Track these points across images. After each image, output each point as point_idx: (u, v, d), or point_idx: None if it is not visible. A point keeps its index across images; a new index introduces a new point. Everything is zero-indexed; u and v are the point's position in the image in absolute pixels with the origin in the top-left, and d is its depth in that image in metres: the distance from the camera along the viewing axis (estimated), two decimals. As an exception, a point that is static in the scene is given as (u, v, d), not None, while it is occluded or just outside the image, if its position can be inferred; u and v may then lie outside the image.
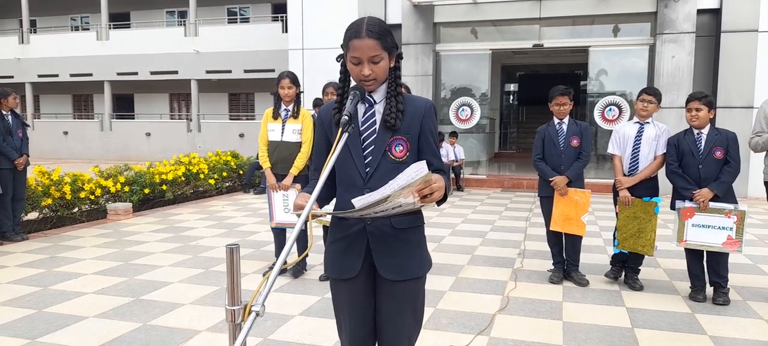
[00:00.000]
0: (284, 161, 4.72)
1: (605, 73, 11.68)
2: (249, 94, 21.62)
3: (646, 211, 4.38)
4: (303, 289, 4.46)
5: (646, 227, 4.38)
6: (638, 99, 4.50)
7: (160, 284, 4.60)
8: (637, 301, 4.18)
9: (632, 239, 4.44)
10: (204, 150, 15.51)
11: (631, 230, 4.44)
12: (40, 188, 7.02)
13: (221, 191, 10.63)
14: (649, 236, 4.38)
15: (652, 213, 4.36)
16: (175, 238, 6.43)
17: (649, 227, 4.37)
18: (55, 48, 21.14)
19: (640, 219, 4.40)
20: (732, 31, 10.26)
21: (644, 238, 4.40)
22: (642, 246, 4.41)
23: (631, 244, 4.46)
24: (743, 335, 3.51)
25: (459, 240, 6.36)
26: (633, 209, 4.42)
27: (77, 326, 3.65)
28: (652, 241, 4.37)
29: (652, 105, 4.42)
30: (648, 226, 4.37)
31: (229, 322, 1.39)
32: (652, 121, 4.48)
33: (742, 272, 4.99)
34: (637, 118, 4.51)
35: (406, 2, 11.79)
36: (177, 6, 21.84)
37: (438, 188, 1.63)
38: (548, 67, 19.88)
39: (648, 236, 4.38)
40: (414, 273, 1.94)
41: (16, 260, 5.39)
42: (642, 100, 4.45)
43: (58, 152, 21.25)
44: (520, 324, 3.70)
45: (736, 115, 9.94)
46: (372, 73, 1.83)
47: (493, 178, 12.17)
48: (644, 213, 4.38)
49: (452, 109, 12.11)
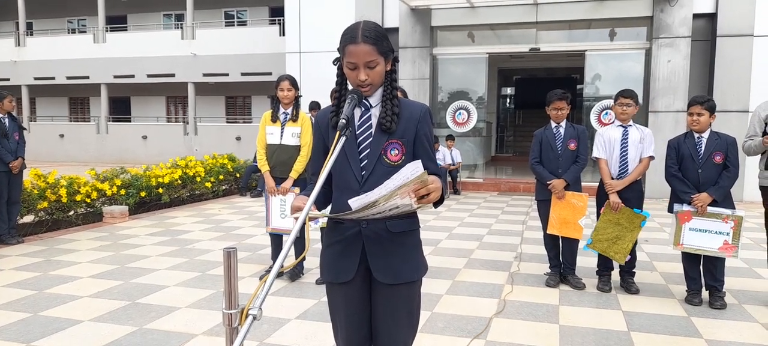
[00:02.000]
0: (283, 165, 4.71)
1: (601, 77, 11.72)
2: (246, 97, 21.61)
3: (631, 221, 4.34)
4: (300, 292, 4.45)
5: (625, 236, 4.35)
6: (616, 103, 4.47)
7: (156, 287, 4.59)
8: (633, 304, 4.18)
9: (607, 242, 4.41)
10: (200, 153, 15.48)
11: (609, 235, 4.41)
12: (35, 190, 6.99)
13: (218, 194, 10.61)
14: (625, 245, 4.35)
15: (637, 225, 4.33)
16: (172, 241, 6.42)
17: (628, 237, 4.34)
18: (51, 50, 21.08)
19: (623, 227, 4.36)
20: (727, 35, 10.31)
21: (620, 245, 4.37)
22: (615, 252, 4.38)
23: (603, 247, 4.43)
24: (739, 339, 3.52)
25: (455, 244, 6.36)
26: (618, 216, 4.38)
27: (73, 329, 3.63)
28: (626, 250, 4.35)
29: (631, 107, 4.42)
30: (628, 236, 4.34)
31: (226, 325, 1.39)
32: (633, 124, 4.49)
33: (738, 275, 5.00)
34: (619, 122, 4.49)
35: (403, 6, 11.81)
36: (174, 9, 21.83)
37: (435, 188, 1.63)
38: (545, 71, 19.93)
39: (624, 245, 4.35)
40: (409, 277, 1.95)
41: (12, 263, 5.36)
42: (620, 104, 4.43)
43: (54, 155, 21.18)
44: (517, 328, 3.70)
45: (732, 119, 9.97)
46: (368, 79, 1.83)
47: (489, 181, 12.19)
48: (628, 223, 4.35)
49: (449, 113, 12.12)
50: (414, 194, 1.58)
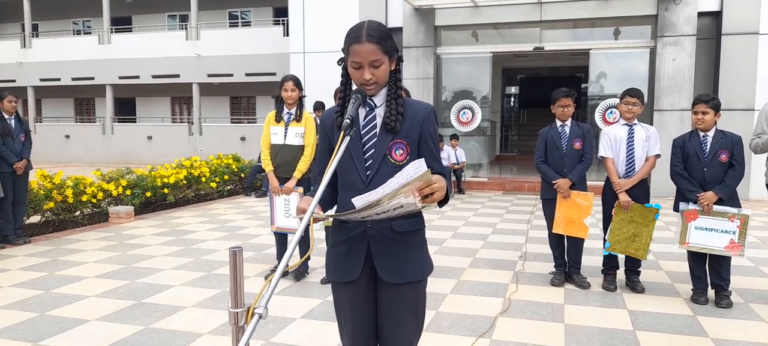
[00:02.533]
0: (287, 165, 4.73)
1: (606, 76, 11.69)
2: (250, 97, 21.64)
3: (644, 216, 4.35)
4: (305, 292, 4.46)
5: (642, 232, 4.35)
6: (622, 102, 4.46)
7: (161, 287, 4.61)
8: (638, 303, 4.17)
9: (626, 242, 4.41)
10: (205, 153, 15.51)
11: (626, 234, 4.41)
12: (42, 191, 7.03)
13: (223, 194, 10.64)
14: (644, 240, 4.35)
15: (651, 219, 4.33)
16: (177, 241, 6.44)
17: (645, 232, 4.34)
18: (57, 52, 21.17)
19: (638, 223, 4.37)
20: (732, 33, 10.27)
21: (639, 242, 4.37)
22: (635, 249, 4.38)
23: (623, 247, 4.43)
24: (745, 338, 3.51)
25: (460, 243, 6.36)
26: (630, 213, 4.38)
27: (79, 329, 3.65)
28: (646, 245, 4.35)
29: (637, 106, 4.41)
30: (645, 231, 4.35)
31: (232, 324, 1.39)
32: (638, 123, 4.48)
33: (744, 274, 4.98)
34: (624, 121, 4.48)
35: (407, 6, 11.81)
36: (178, 10, 21.88)
37: (439, 187, 1.63)
38: (549, 70, 19.89)
39: (643, 240, 4.35)
40: (415, 276, 1.95)
41: (18, 263, 5.39)
42: (626, 103, 4.42)
43: (60, 156, 21.27)
44: (522, 327, 3.70)
45: (737, 118, 9.92)
46: (373, 78, 1.84)
47: (494, 180, 12.17)
48: (642, 218, 4.35)
49: (453, 112, 12.12)
50: (418, 193, 1.58)
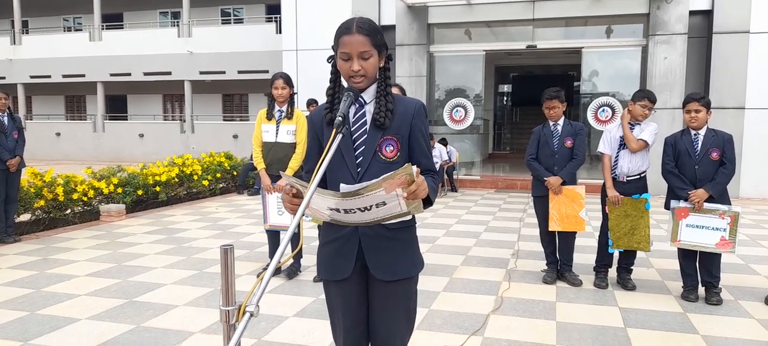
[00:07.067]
0: (279, 162, 4.72)
1: (598, 74, 11.74)
2: (243, 95, 21.56)
3: (636, 208, 4.40)
4: (297, 290, 4.46)
5: (638, 223, 4.40)
6: (638, 103, 4.38)
7: (153, 285, 4.58)
8: (629, 301, 4.20)
9: (626, 237, 4.46)
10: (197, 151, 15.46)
11: (624, 229, 4.45)
12: (32, 189, 6.98)
13: (215, 192, 10.60)
14: (643, 231, 4.40)
15: (643, 210, 4.38)
16: (169, 239, 6.41)
17: (642, 223, 4.40)
18: (47, 49, 20.99)
19: (632, 217, 4.41)
20: (724, 32, 10.34)
21: (639, 234, 4.41)
22: (637, 243, 4.43)
23: (625, 242, 4.47)
24: (735, 335, 3.54)
25: (453, 241, 6.37)
26: (623, 208, 4.42)
27: (70, 328, 3.63)
28: (647, 236, 4.40)
29: (650, 111, 4.43)
30: (641, 222, 4.40)
31: (224, 323, 1.39)
32: (641, 122, 4.49)
33: (734, 271, 5.02)
34: (634, 121, 4.45)
35: (400, 3, 11.80)
36: (170, 7, 21.74)
37: (421, 180, 1.60)
38: (542, 68, 19.93)
39: (643, 232, 4.40)
40: (406, 273, 1.95)
41: (9, 262, 5.35)
42: (643, 106, 4.38)
43: (51, 153, 21.11)
44: (514, 324, 3.71)
45: (728, 117, 10.00)
46: (361, 69, 1.84)
47: (487, 178, 12.20)
48: (635, 210, 4.40)
49: (446, 110, 12.12)
50: (402, 191, 1.58)
